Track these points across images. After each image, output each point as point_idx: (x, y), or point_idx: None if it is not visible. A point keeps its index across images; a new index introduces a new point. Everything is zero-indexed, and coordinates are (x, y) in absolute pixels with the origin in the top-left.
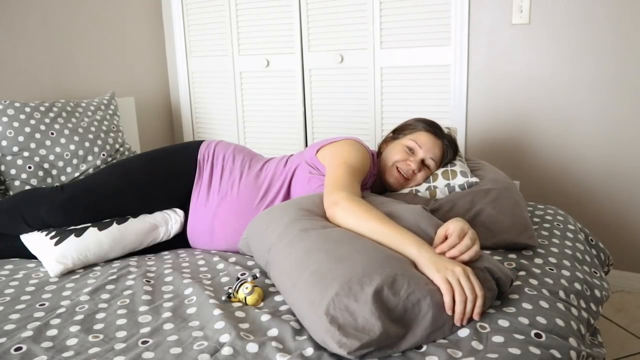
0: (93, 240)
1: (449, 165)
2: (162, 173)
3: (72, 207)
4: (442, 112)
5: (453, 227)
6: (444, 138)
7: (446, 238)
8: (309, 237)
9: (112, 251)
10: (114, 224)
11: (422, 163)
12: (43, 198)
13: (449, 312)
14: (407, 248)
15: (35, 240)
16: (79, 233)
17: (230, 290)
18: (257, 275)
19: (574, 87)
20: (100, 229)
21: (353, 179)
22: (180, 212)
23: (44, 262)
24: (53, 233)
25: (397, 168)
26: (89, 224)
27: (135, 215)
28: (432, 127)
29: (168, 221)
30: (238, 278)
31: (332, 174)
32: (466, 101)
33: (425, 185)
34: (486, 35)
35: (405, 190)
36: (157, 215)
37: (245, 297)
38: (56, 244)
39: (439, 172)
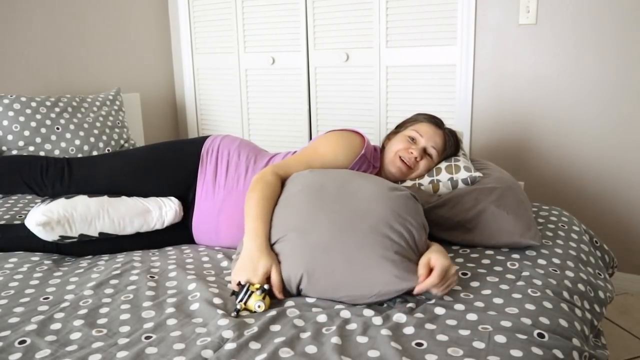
0: (81, 202)
1: (452, 160)
2: (162, 160)
3: (72, 180)
4: (447, 111)
5: (439, 264)
6: (445, 129)
7: (430, 270)
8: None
9: (100, 218)
10: (105, 196)
11: (424, 152)
12: (46, 165)
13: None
14: (246, 239)
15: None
16: (69, 197)
17: (237, 307)
18: (266, 287)
19: (580, 88)
20: (90, 196)
21: (303, 166)
22: (176, 201)
23: (30, 216)
24: (47, 200)
25: (400, 157)
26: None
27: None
28: (433, 119)
29: (162, 207)
30: (242, 286)
31: (293, 156)
32: (471, 101)
33: (428, 179)
34: (492, 35)
35: (409, 183)
36: (150, 200)
37: (257, 305)
38: (47, 204)
39: (443, 166)
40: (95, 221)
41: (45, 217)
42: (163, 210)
